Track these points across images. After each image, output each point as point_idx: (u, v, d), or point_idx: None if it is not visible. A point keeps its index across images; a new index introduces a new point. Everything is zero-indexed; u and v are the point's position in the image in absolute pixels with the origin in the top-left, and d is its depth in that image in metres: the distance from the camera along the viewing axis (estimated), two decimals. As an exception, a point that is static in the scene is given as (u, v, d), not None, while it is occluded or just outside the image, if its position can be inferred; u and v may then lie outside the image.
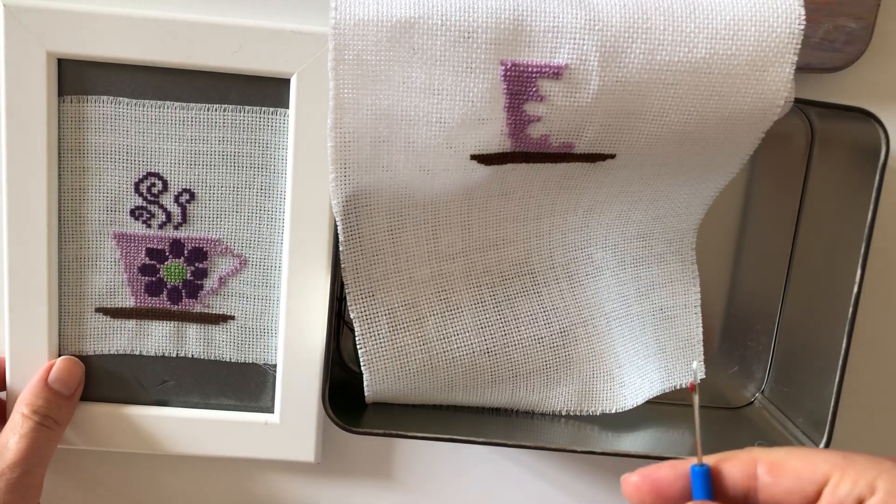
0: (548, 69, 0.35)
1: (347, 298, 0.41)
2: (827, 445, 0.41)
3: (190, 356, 0.45)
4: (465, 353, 0.43)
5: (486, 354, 0.43)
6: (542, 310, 0.44)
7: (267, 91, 0.41)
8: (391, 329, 0.42)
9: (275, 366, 0.44)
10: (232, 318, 0.44)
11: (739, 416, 0.48)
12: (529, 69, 0.35)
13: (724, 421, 0.47)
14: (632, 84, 0.36)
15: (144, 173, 0.42)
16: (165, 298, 0.44)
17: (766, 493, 0.30)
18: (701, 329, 0.45)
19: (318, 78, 0.40)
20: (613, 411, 0.45)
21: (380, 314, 0.42)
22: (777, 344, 0.48)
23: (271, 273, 0.44)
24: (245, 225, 0.43)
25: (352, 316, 0.42)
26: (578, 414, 0.45)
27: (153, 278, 0.44)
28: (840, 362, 0.40)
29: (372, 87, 0.36)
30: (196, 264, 0.44)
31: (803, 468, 0.29)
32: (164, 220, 0.43)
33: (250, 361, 0.45)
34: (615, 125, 0.37)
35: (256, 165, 0.43)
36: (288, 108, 0.41)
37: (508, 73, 0.36)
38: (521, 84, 0.36)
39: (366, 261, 0.41)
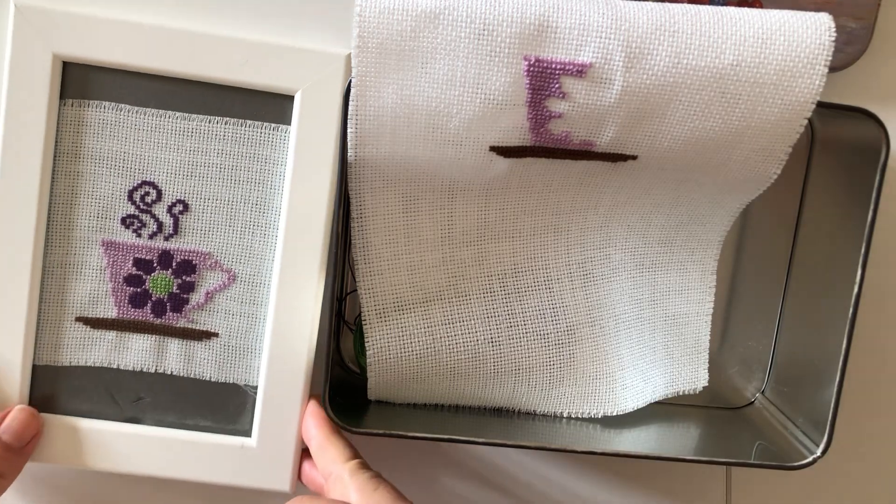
0: (572, 66, 0.35)
1: (355, 273, 0.42)
2: (827, 445, 0.41)
3: (169, 373, 0.43)
4: (468, 339, 0.43)
5: (490, 344, 0.43)
6: (550, 306, 0.44)
7: (270, 106, 0.41)
8: (396, 308, 0.42)
9: (256, 387, 0.43)
10: (216, 334, 0.43)
11: (740, 416, 0.48)
12: (553, 66, 0.35)
13: (725, 421, 0.47)
14: (656, 87, 0.35)
15: (139, 181, 0.42)
16: (149, 311, 0.43)
17: None
18: (708, 337, 0.45)
19: (322, 96, 0.40)
20: (614, 414, 0.45)
21: (387, 292, 0.42)
22: (777, 344, 0.48)
23: (259, 290, 0.43)
24: (237, 240, 0.42)
25: (359, 292, 0.42)
26: (580, 417, 0.45)
27: (138, 289, 0.43)
28: (840, 363, 0.40)
29: (394, 75, 0.36)
30: (183, 277, 0.43)
31: None
32: (154, 230, 0.42)
33: (231, 381, 0.43)
34: (637, 126, 0.37)
35: (254, 180, 0.42)
36: (290, 124, 0.41)
37: (532, 69, 0.36)
38: (543, 80, 0.36)
39: (378, 239, 0.41)
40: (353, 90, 0.36)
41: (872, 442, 0.51)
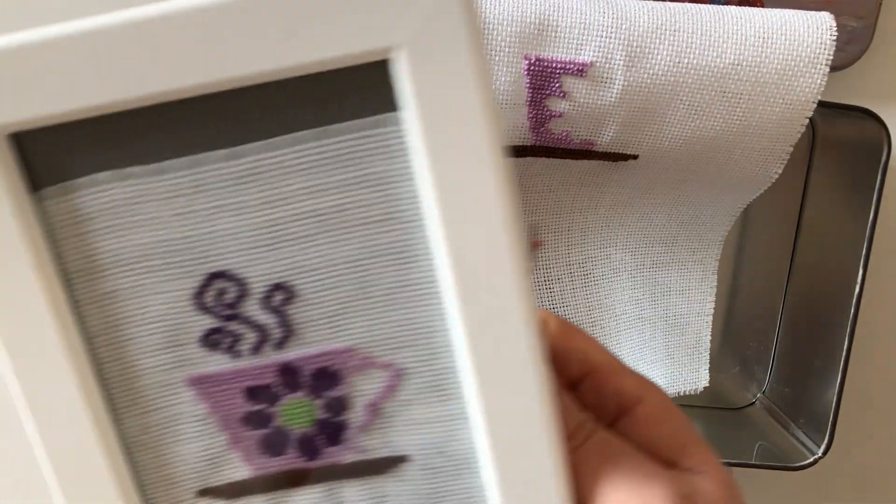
0: (572, 66, 0.35)
1: None
2: (828, 446, 0.41)
3: None
4: None
5: None
6: (550, 306, 0.44)
7: (355, 89, 0.23)
8: None
9: None
10: (404, 458, 0.28)
11: (741, 416, 0.48)
12: (553, 65, 0.35)
13: (726, 421, 0.47)
14: (657, 86, 0.35)
15: (204, 277, 0.26)
16: (296, 454, 0.29)
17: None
18: (709, 337, 0.45)
19: (441, 41, 0.22)
20: (614, 413, 0.45)
21: None
22: (778, 344, 0.48)
23: (446, 378, 0.27)
24: (384, 316, 0.27)
25: None
26: (580, 416, 0.45)
27: (268, 429, 0.28)
28: (841, 363, 0.40)
29: None
30: (326, 393, 0.28)
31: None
32: (256, 339, 0.27)
33: None
34: (638, 126, 0.37)
35: (376, 218, 0.25)
36: (396, 110, 0.23)
37: (532, 68, 0.35)
38: (544, 79, 0.35)
39: None
40: None
41: (872, 442, 0.51)
